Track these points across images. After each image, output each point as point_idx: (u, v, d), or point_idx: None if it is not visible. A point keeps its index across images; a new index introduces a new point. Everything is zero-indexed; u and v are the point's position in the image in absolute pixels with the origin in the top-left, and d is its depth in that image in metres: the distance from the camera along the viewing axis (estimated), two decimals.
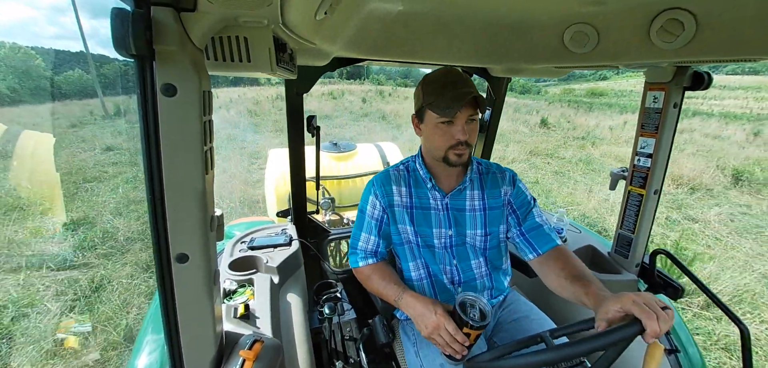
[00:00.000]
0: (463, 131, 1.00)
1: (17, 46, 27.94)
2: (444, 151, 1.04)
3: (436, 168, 1.14)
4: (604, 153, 9.77)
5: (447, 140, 1.02)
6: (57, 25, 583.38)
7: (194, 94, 0.57)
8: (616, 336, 0.71)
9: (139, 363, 1.20)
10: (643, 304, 0.72)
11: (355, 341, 1.42)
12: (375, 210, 1.15)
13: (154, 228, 0.61)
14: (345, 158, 3.12)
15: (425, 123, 1.07)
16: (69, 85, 26.69)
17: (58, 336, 2.64)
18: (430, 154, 1.12)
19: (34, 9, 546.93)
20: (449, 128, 1.01)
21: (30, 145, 4.49)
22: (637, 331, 0.70)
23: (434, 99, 1.01)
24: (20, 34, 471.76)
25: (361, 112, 17.46)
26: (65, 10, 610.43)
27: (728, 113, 18.68)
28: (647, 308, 0.71)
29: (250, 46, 0.68)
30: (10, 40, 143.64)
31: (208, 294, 0.69)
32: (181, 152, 0.59)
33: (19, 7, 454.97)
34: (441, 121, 1.01)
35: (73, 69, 28.00)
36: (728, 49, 0.79)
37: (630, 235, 1.39)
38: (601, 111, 19.69)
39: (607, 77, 50.13)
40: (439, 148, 1.04)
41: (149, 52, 0.52)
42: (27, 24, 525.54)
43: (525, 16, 1.08)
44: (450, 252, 1.15)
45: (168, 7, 0.52)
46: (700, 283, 1.20)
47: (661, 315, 0.70)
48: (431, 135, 1.05)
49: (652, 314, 0.70)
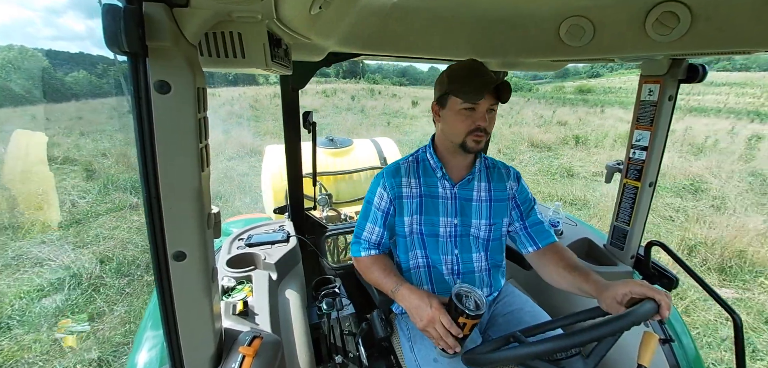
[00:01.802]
0: (483, 117, 1.02)
1: (25, 49, 28.69)
2: (463, 135, 1.05)
3: (447, 157, 1.16)
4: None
5: (468, 125, 1.04)
6: (53, 27, 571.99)
7: (188, 91, 0.57)
8: (636, 315, 0.74)
9: (139, 359, 1.21)
10: (649, 286, 0.81)
11: (354, 335, 1.43)
12: (382, 202, 1.16)
13: (151, 226, 0.61)
14: (341, 154, 3.11)
15: (448, 108, 1.08)
16: (79, 86, 27.54)
17: (57, 336, 2.63)
18: (447, 140, 1.13)
19: (29, 10, 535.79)
20: (471, 114, 1.03)
21: (23, 145, 4.44)
22: (653, 308, 0.76)
23: (460, 85, 1.02)
24: (16, 35, 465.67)
25: (345, 107, 18.68)
26: (61, 12, 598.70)
27: (706, 108, 19.03)
28: (655, 289, 0.79)
29: (244, 42, 0.68)
30: (9, 42, 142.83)
31: (207, 292, 0.69)
32: (177, 150, 0.59)
33: (14, 7, 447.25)
34: (464, 106, 1.03)
35: (77, 70, 28.70)
36: (723, 42, 0.79)
37: (625, 227, 1.40)
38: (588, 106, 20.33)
39: (600, 74, 50.28)
40: (459, 133, 1.06)
41: (142, 48, 0.51)
42: (23, 25, 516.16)
43: (520, 10, 1.07)
44: (453, 241, 1.16)
45: (160, 3, 0.51)
46: (694, 273, 1.22)
47: (667, 295, 0.79)
48: (453, 120, 1.07)
49: (661, 292, 0.78)
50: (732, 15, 0.76)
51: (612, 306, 0.87)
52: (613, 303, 0.86)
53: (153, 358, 1.19)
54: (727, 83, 31.11)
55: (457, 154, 1.13)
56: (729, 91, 26.73)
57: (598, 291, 0.92)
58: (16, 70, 23.25)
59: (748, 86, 28.60)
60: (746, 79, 33.04)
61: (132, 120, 0.56)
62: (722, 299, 1.13)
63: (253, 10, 0.61)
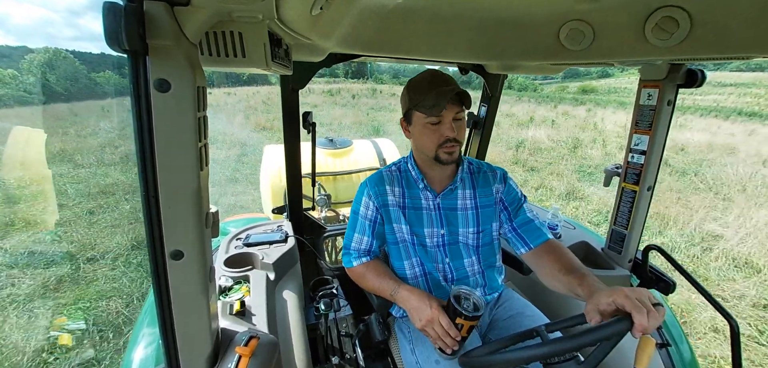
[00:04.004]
0: (451, 128, 1.01)
1: (59, 51, 31.12)
2: (434, 150, 1.04)
3: (427, 168, 1.15)
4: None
5: (436, 139, 1.03)
6: (74, 28, 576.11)
7: (188, 90, 0.56)
8: (606, 332, 0.71)
9: (135, 356, 1.20)
10: (634, 299, 0.73)
11: (351, 337, 1.42)
12: (368, 211, 1.16)
13: (149, 224, 0.61)
14: (341, 155, 3.11)
15: (414, 124, 1.08)
16: (110, 85, 29.21)
17: (52, 334, 2.62)
18: (421, 154, 1.13)
19: (51, 10, 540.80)
20: (437, 127, 1.02)
21: (21, 141, 4.43)
22: (626, 327, 0.71)
23: (420, 99, 1.02)
24: (38, 36, 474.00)
25: (340, 103, 21.07)
26: (81, 13, 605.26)
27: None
28: (638, 303, 0.72)
29: (244, 42, 0.68)
30: (48, 44, 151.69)
31: (204, 291, 0.69)
32: (176, 148, 0.58)
33: (35, 8, 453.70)
34: (428, 120, 1.02)
35: (103, 70, 31.14)
36: (722, 48, 0.80)
37: (623, 231, 1.41)
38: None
39: (608, 74, 50.31)
40: (429, 148, 1.05)
41: (142, 47, 0.51)
42: (44, 25, 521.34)
43: (521, 13, 1.08)
44: (442, 250, 1.15)
45: (161, 2, 0.51)
46: (691, 278, 1.22)
47: (651, 312, 0.71)
48: (420, 135, 1.06)
49: (643, 309, 0.71)
50: (731, 21, 0.76)
51: (591, 315, 0.80)
52: (594, 311, 0.79)
53: (149, 356, 1.19)
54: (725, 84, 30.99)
55: (435, 166, 1.11)
56: (722, 91, 26.72)
57: (590, 294, 0.86)
58: (51, 69, 25.72)
59: (742, 87, 28.56)
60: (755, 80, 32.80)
61: (131, 118, 0.56)
62: (720, 304, 1.13)
63: (254, 10, 0.61)
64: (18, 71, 25.34)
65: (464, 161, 1.18)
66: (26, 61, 28.21)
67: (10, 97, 20.16)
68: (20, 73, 25.36)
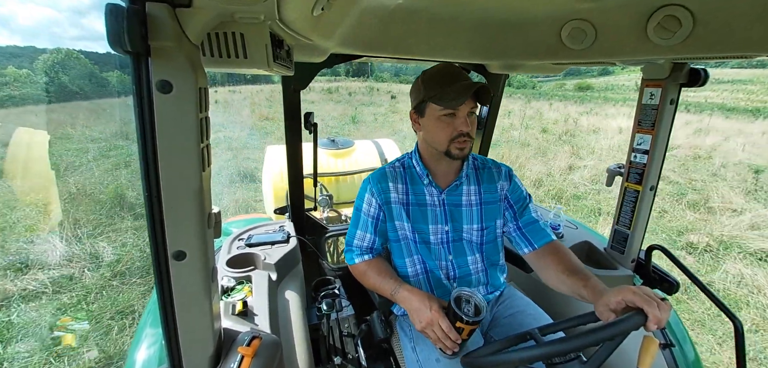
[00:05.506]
0: (465, 122, 1.01)
1: (71, 51, 32.44)
2: (446, 143, 1.04)
3: (432, 164, 1.14)
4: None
5: (449, 132, 1.02)
6: (78, 27, 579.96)
7: (190, 91, 0.57)
8: (621, 327, 0.72)
9: (138, 356, 1.21)
10: (643, 295, 0.76)
11: (353, 337, 1.42)
12: (371, 208, 1.15)
13: (151, 225, 0.61)
14: (342, 155, 3.11)
15: (427, 117, 1.07)
16: (123, 85, 29.60)
17: (55, 335, 2.63)
18: (430, 148, 1.12)
19: (55, 10, 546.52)
20: (452, 120, 1.02)
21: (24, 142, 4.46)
22: (641, 321, 0.73)
23: (437, 92, 1.01)
24: (43, 36, 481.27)
25: (335, 100, 22.41)
26: (85, 12, 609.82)
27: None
28: (648, 297, 0.75)
29: (246, 43, 0.68)
30: (54, 44, 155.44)
31: (206, 292, 0.69)
32: (178, 149, 0.59)
33: (40, 8, 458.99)
34: (444, 113, 1.01)
35: (111, 70, 31.92)
36: (725, 46, 0.79)
37: (626, 231, 1.40)
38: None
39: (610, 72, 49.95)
40: (441, 141, 1.04)
41: (144, 48, 0.51)
42: (49, 25, 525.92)
43: (522, 13, 1.07)
44: (446, 247, 1.15)
45: (163, 3, 0.52)
46: (695, 278, 1.21)
47: (661, 306, 0.74)
48: (433, 128, 1.05)
49: (653, 303, 0.74)
50: (733, 19, 0.76)
51: (604, 314, 0.84)
52: (606, 310, 0.83)
53: (152, 356, 1.19)
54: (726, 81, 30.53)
55: (442, 161, 1.11)
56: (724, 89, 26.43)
57: (595, 296, 0.89)
58: (64, 69, 26.47)
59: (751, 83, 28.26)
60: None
61: (133, 119, 0.56)
62: (724, 304, 1.12)
63: (256, 11, 0.61)
64: (31, 71, 26.52)
65: (469, 157, 1.18)
66: (40, 62, 29.05)
67: (29, 97, 20.72)
68: (34, 72, 26.56)
